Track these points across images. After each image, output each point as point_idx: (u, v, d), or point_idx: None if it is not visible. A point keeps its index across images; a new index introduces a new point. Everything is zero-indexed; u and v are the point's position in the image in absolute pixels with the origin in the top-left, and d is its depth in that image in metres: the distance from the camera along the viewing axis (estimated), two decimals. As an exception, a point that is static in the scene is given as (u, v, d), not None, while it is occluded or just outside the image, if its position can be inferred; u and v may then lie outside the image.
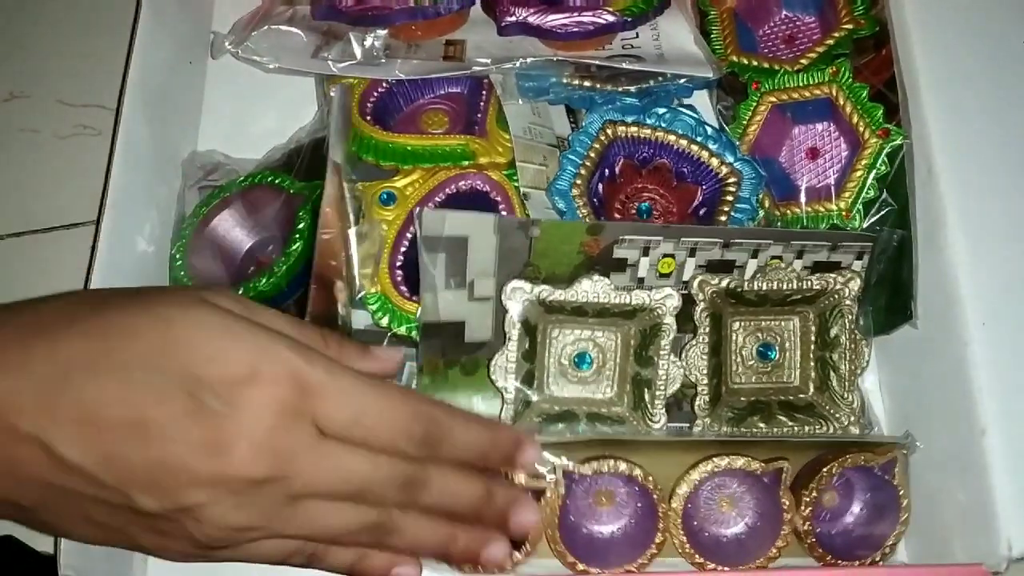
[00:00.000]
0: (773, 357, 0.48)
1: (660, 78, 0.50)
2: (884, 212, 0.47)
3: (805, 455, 0.45)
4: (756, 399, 0.47)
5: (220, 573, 0.47)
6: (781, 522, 0.43)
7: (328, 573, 0.39)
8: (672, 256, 0.45)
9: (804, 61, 0.50)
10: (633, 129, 0.49)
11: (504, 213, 0.48)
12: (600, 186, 0.49)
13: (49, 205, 0.56)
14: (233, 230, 0.50)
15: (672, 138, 0.49)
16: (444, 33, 0.52)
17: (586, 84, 0.50)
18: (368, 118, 0.50)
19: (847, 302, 0.46)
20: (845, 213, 0.47)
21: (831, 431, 0.46)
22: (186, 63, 0.56)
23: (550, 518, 0.43)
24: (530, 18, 0.50)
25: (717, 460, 0.43)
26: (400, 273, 0.47)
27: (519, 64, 0.49)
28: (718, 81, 0.51)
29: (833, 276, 0.46)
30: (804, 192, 0.49)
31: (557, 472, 0.42)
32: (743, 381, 0.48)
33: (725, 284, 0.45)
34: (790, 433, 0.46)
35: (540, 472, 0.42)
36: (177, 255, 0.49)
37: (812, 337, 0.47)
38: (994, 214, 0.44)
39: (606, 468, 0.42)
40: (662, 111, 0.49)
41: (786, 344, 0.48)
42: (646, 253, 0.45)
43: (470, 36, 0.52)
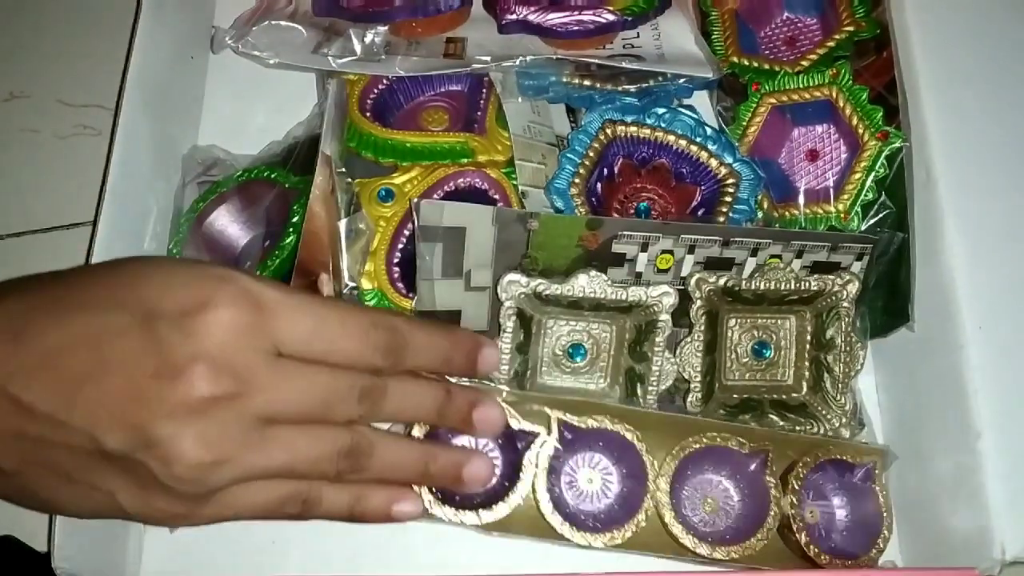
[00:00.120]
0: (768, 355, 0.47)
1: (660, 78, 0.50)
2: (882, 215, 0.47)
3: (787, 456, 0.45)
4: (749, 396, 0.47)
5: (216, 557, 0.47)
6: (769, 503, 0.43)
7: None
8: (671, 252, 0.45)
9: (805, 63, 0.50)
10: (632, 129, 0.49)
11: (502, 208, 0.48)
12: (599, 185, 0.49)
13: (49, 205, 0.56)
14: (230, 225, 0.50)
15: (671, 138, 0.49)
16: (445, 30, 0.52)
17: (586, 83, 0.50)
18: (368, 114, 0.50)
19: (844, 305, 0.46)
20: (843, 215, 0.47)
21: (822, 432, 0.46)
22: (187, 58, 0.56)
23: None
24: (531, 16, 0.50)
25: (707, 438, 0.43)
26: (397, 270, 0.47)
27: (519, 62, 0.49)
28: (718, 82, 0.51)
29: (831, 278, 0.46)
30: (803, 194, 0.49)
31: (553, 424, 0.43)
32: (736, 378, 0.48)
33: (722, 283, 0.45)
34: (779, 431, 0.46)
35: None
36: (174, 250, 0.49)
37: (808, 337, 0.47)
38: (992, 218, 0.44)
39: (606, 424, 0.43)
40: (662, 111, 0.49)
41: (781, 343, 0.48)
42: (645, 249, 0.45)
43: (471, 34, 0.51)
